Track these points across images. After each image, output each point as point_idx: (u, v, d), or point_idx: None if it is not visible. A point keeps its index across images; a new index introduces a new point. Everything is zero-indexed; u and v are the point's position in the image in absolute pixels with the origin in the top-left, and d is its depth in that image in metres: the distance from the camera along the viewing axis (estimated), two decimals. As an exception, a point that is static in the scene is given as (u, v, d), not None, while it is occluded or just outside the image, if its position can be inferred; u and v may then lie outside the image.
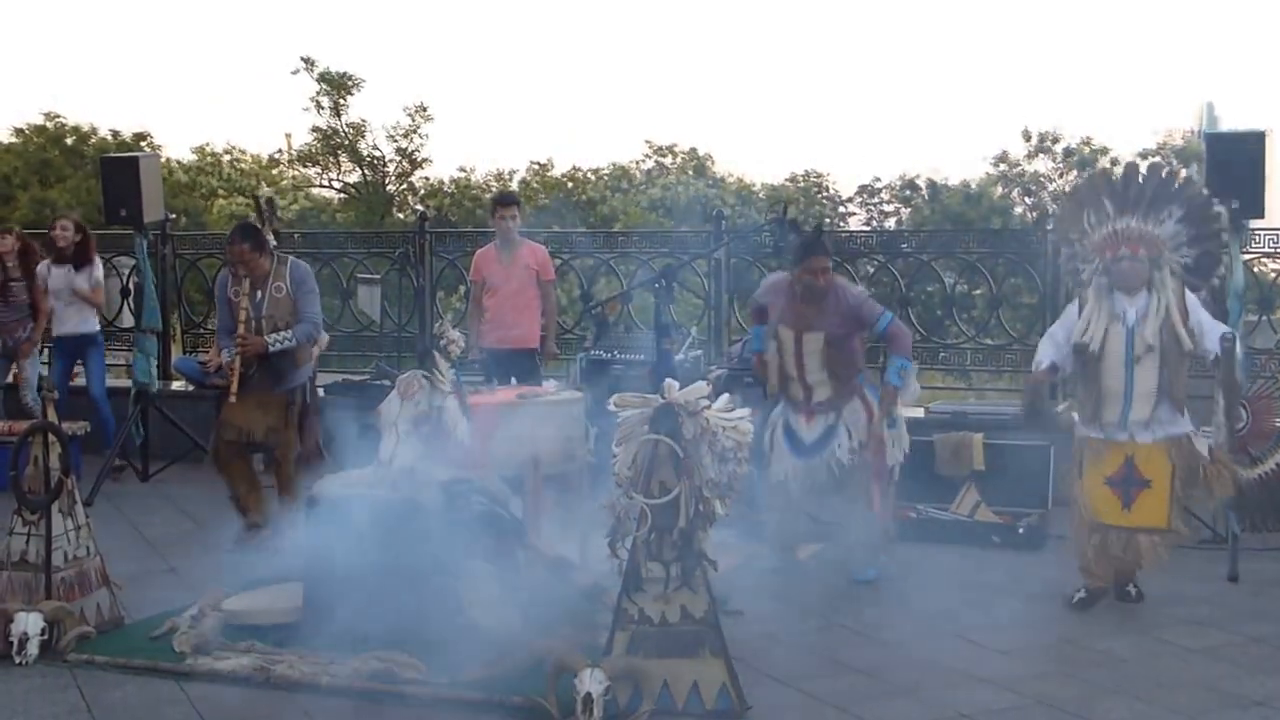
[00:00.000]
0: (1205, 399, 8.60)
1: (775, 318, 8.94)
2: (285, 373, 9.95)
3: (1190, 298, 8.19)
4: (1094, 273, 8.24)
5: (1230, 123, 10.12)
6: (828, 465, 8.95)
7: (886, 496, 9.02)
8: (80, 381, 12.70)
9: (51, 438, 7.69)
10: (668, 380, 6.80)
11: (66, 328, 12.64)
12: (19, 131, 43.95)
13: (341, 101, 45.02)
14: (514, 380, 9.95)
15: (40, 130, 43.84)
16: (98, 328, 12.90)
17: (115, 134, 43.05)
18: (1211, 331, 8.17)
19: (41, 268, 12.68)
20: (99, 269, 12.81)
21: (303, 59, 45.27)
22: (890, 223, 44.95)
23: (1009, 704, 6.68)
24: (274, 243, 10.28)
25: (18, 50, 79.91)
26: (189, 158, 47.26)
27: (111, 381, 14.55)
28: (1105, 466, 8.23)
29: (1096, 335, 8.14)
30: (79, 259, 12.57)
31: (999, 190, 41.67)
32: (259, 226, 10.32)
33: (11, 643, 7.23)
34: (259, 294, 9.88)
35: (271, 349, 9.82)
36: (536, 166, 48.61)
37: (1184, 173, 8.57)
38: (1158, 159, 9.67)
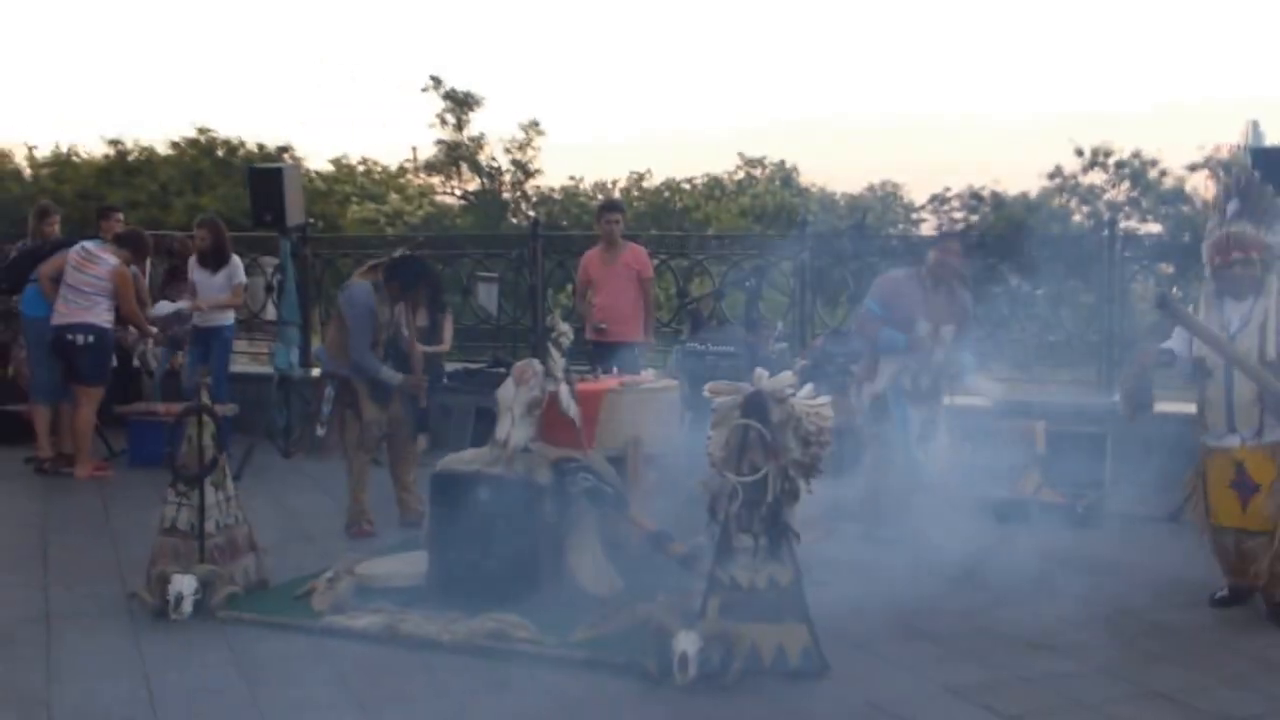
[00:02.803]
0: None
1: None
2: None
3: None
4: (1205, 278, 7.57)
5: (1275, 138, 9.95)
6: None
7: None
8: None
9: (205, 419, 7.77)
10: (757, 370, 6.78)
11: (199, 321, 12.78)
12: (175, 144, 44.47)
13: (464, 117, 45.23)
14: (616, 370, 9.95)
15: (194, 143, 44.33)
16: (227, 322, 13.00)
17: (261, 146, 43.44)
18: None
19: (192, 262, 12.84)
20: (239, 271, 12.90)
21: (431, 78, 45.49)
22: (959, 229, 44.57)
23: (1068, 669, 6.61)
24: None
25: (176, 71, 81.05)
26: (327, 168, 47.68)
27: (256, 368, 14.73)
28: (1226, 472, 7.45)
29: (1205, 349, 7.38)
30: (214, 262, 12.68)
31: (1057, 200, 41.22)
32: None
33: (168, 601, 7.31)
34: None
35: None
36: (636, 176, 48.62)
37: None
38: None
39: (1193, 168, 39.90)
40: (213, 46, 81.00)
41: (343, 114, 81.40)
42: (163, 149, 44.41)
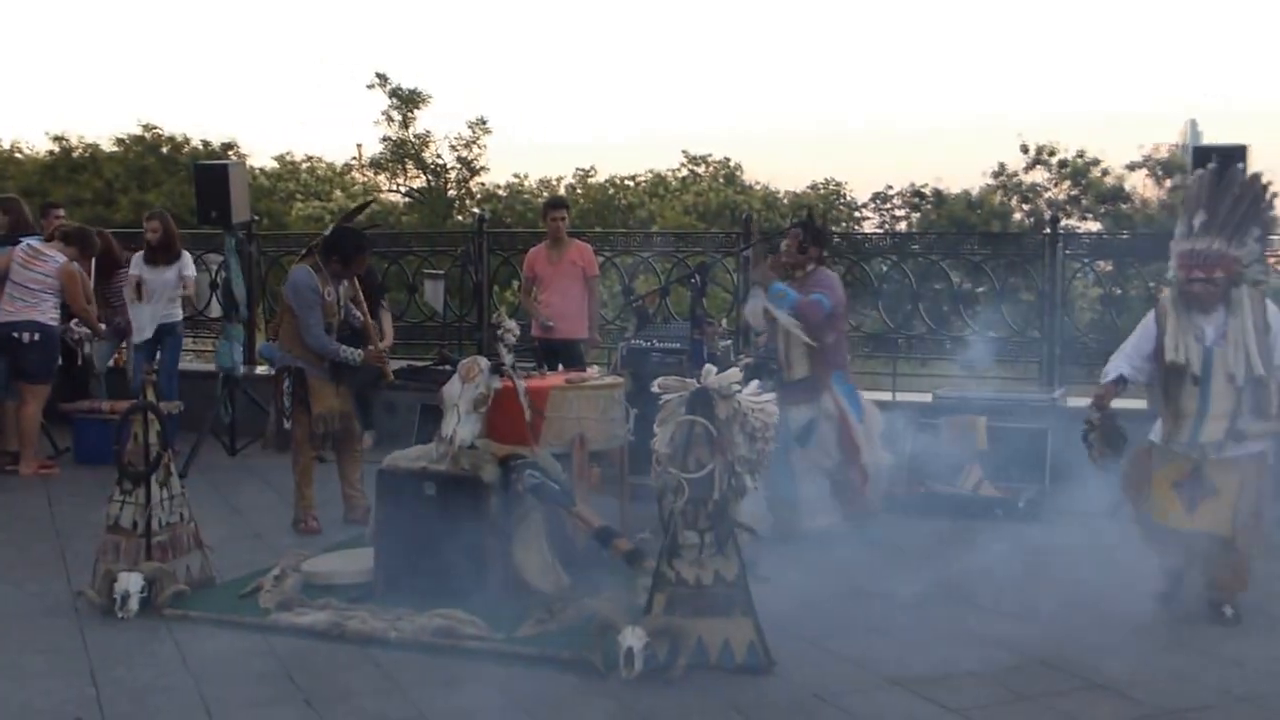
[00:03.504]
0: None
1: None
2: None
3: (1273, 312, 7.22)
4: (1170, 284, 7.41)
5: (1211, 138, 10.05)
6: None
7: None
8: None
9: (150, 416, 7.72)
10: (705, 366, 6.80)
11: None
12: (120, 141, 44.12)
13: (410, 115, 45.12)
14: (561, 367, 9.96)
15: (139, 140, 43.96)
16: (178, 318, 12.92)
17: (206, 144, 43.19)
18: None
19: (136, 259, 12.71)
20: (190, 264, 12.81)
21: (377, 75, 45.28)
22: (901, 226, 44.78)
23: (1013, 663, 6.66)
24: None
25: (120, 67, 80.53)
26: (271, 165, 47.46)
27: (200, 365, 14.64)
28: (1174, 472, 7.38)
29: (1183, 352, 7.20)
30: (164, 256, 12.56)
31: (998, 198, 41.50)
32: None
33: (115, 600, 7.27)
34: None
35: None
36: (581, 173, 48.58)
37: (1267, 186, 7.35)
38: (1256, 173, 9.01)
39: (1132, 166, 40.33)
40: (158, 42, 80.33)
41: (295, 110, 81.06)
42: (107, 146, 44.08)
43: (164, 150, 43.80)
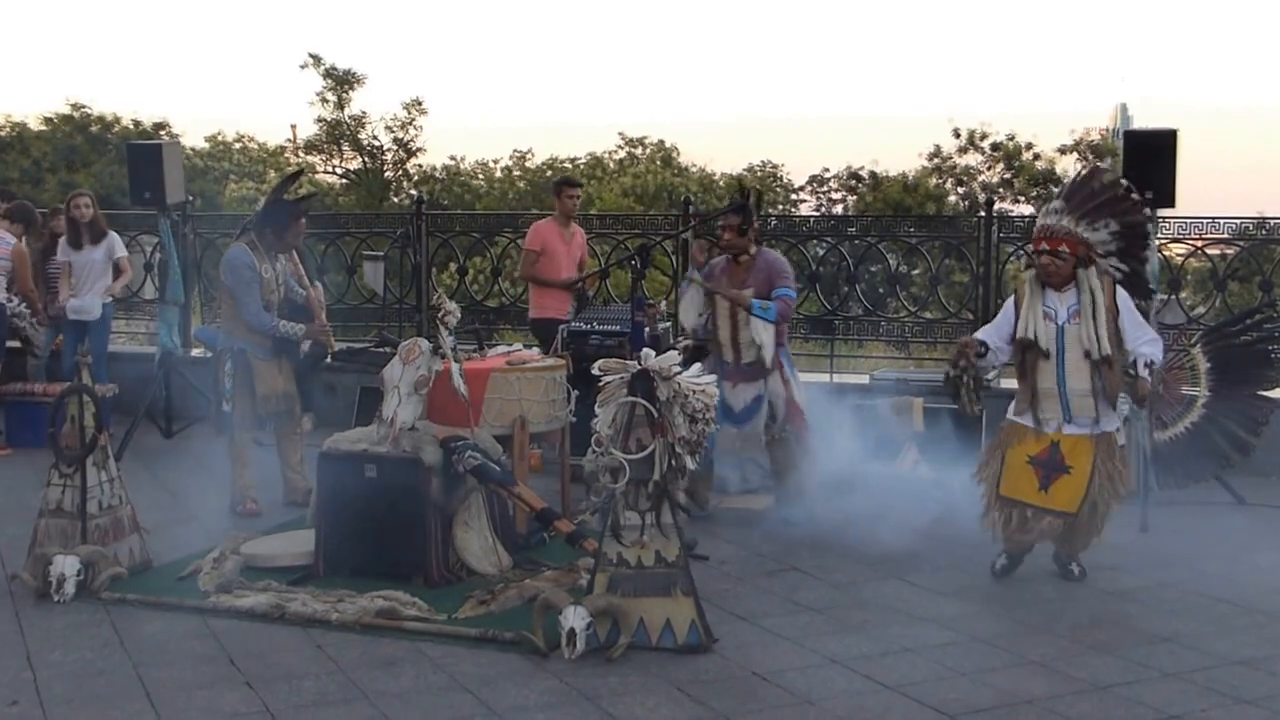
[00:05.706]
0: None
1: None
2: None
3: (1123, 298, 7.55)
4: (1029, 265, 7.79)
5: (1140, 123, 10.14)
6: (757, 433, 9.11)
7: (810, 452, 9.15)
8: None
9: (86, 399, 7.68)
10: (645, 349, 6.84)
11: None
12: (48, 120, 43.63)
13: (345, 95, 44.85)
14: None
15: (67, 119, 43.50)
16: (105, 301, 12.72)
17: (137, 123, 42.78)
18: (1134, 337, 7.55)
19: (63, 244, 12.55)
20: (119, 244, 12.61)
21: (310, 55, 44.96)
22: (838, 209, 44.90)
23: (947, 639, 6.76)
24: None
25: (46, 45, 79.62)
26: (202, 145, 47.06)
27: (135, 348, 14.52)
28: (1030, 447, 7.63)
29: (1034, 330, 7.55)
30: (90, 237, 12.38)
31: (933, 181, 41.72)
32: None
33: (51, 583, 7.24)
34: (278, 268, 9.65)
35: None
36: (518, 155, 48.45)
37: (1130, 193, 7.78)
38: (1100, 166, 9.11)
39: (1063, 150, 40.62)
40: (86, 19, 79.51)
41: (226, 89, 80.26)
42: (35, 125, 43.60)
43: (93, 130, 43.35)
